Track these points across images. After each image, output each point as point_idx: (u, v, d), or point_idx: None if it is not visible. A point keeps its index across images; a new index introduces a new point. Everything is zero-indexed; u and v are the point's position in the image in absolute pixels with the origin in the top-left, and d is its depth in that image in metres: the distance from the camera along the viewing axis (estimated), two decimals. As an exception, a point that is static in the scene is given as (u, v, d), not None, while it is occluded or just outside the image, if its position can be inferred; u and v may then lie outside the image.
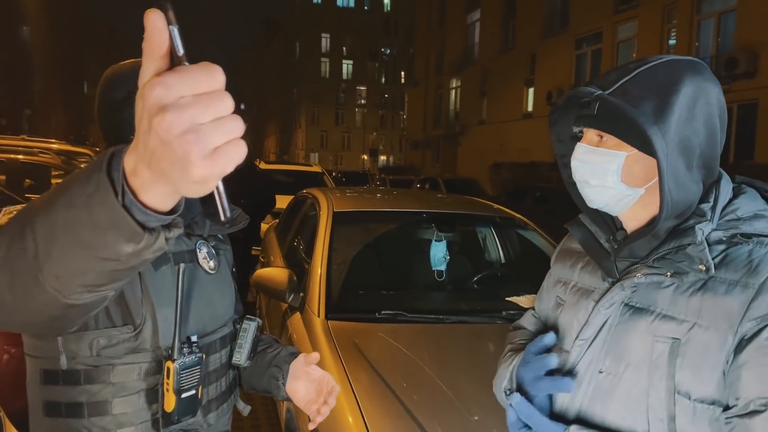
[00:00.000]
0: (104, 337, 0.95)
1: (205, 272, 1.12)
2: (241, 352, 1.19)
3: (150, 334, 0.99)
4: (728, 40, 13.75)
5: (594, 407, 0.93)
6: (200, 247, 1.13)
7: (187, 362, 1.00)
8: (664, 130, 0.85)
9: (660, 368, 0.85)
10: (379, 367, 1.95)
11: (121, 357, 0.97)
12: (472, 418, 1.73)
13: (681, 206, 0.89)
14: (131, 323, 0.97)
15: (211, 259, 1.14)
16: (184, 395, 1.00)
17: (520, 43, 22.29)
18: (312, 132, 60.68)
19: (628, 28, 17.12)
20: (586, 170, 0.96)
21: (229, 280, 1.22)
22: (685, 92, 0.87)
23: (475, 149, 25.01)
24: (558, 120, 1.07)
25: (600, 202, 0.97)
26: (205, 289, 1.11)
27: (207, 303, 1.11)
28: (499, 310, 2.48)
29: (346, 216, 3.04)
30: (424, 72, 31.90)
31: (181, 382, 0.99)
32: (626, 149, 0.92)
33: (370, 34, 60.10)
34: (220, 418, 1.16)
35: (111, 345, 0.96)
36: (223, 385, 1.16)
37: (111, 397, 0.97)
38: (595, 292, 1.00)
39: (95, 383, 0.96)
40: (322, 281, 2.51)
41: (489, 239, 3.59)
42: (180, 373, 0.98)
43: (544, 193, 11.76)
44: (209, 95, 0.45)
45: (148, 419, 1.00)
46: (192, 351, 1.01)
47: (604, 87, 0.92)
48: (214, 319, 1.14)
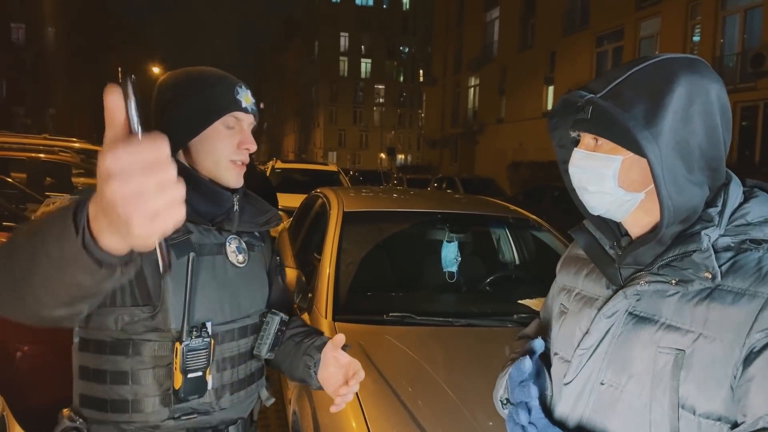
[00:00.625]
0: (128, 314, 1.05)
1: (232, 265, 1.18)
2: (262, 345, 1.23)
3: (164, 316, 1.07)
4: (755, 37, 13.43)
5: (595, 420, 0.89)
6: (230, 241, 1.20)
7: (192, 345, 1.07)
8: (655, 133, 0.81)
9: (663, 381, 0.81)
10: (384, 370, 1.92)
11: (141, 334, 1.07)
12: (477, 424, 1.69)
13: (684, 211, 0.84)
14: (150, 304, 1.06)
15: (241, 253, 1.21)
16: (190, 375, 1.07)
17: (539, 41, 22.06)
18: (330, 131, 60.87)
19: (650, 24, 16.83)
20: (583, 176, 0.93)
21: (261, 275, 1.28)
22: (679, 92, 0.82)
23: (493, 148, 24.82)
24: (558, 125, 1.04)
25: (600, 208, 0.93)
26: (229, 280, 1.17)
27: (230, 293, 1.17)
28: (511, 313, 2.43)
29: (356, 216, 3.01)
30: (443, 70, 31.76)
31: (187, 363, 1.06)
32: (622, 153, 0.88)
33: (388, 33, 60.08)
34: (236, 405, 1.20)
35: (133, 322, 1.06)
36: (242, 373, 1.20)
37: (130, 369, 1.07)
38: (598, 300, 0.96)
39: (118, 354, 1.07)
40: (330, 282, 2.49)
41: (502, 240, 3.53)
42: (186, 354, 1.06)
43: (562, 192, 11.60)
44: (153, 165, 0.52)
45: (160, 394, 1.08)
46: (200, 335, 1.08)
47: (596, 90, 0.88)
48: (236, 309, 1.19)
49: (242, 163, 1.18)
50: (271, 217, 1.31)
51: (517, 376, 0.98)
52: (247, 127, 1.19)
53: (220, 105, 1.14)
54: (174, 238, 1.07)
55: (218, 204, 1.18)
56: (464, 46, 28.63)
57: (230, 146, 1.15)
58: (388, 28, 59.97)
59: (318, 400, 1.91)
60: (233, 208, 1.20)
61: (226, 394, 1.17)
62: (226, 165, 1.16)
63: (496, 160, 23.22)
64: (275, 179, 9.64)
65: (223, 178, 1.16)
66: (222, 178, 1.16)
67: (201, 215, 1.15)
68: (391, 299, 2.65)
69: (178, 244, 1.09)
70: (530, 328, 1.26)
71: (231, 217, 1.20)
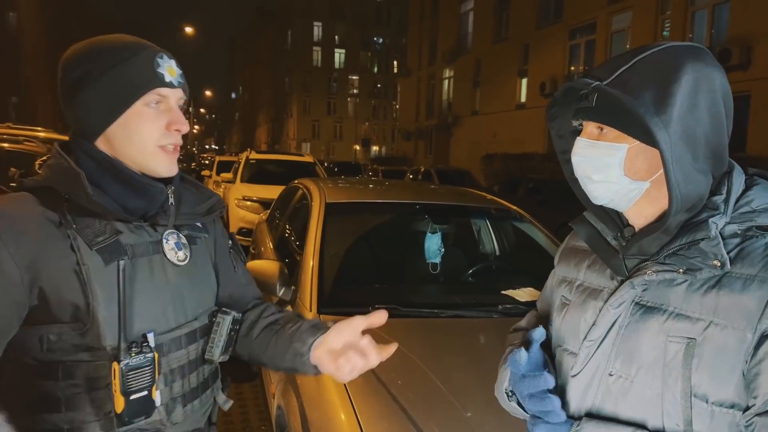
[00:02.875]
0: (53, 333, 0.92)
1: (172, 264, 1.05)
2: (214, 348, 1.11)
3: (96, 332, 0.94)
4: (722, 32, 13.75)
5: (605, 410, 0.89)
6: (167, 238, 1.06)
7: (132, 363, 0.94)
8: (665, 120, 0.80)
9: (675, 370, 0.81)
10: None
11: (71, 354, 0.93)
12: (467, 415, 1.68)
13: (691, 199, 0.84)
14: (79, 320, 0.93)
15: (181, 249, 1.08)
16: (134, 396, 0.94)
17: (513, 33, 22.19)
18: (303, 122, 60.33)
19: (622, 18, 17.08)
20: (587, 165, 0.92)
21: (207, 271, 1.15)
22: (686, 80, 0.82)
23: (467, 140, 24.95)
24: (557, 115, 1.03)
25: (604, 198, 0.92)
26: (170, 282, 1.05)
27: (172, 297, 1.05)
28: (496, 304, 2.43)
29: (338, 207, 2.97)
30: (417, 62, 31.72)
31: (128, 384, 0.94)
32: (627, 141, 0.87)
33: (362, 23, 59.67)
34: (190, 416, 1.09)
35: (60, 341, 0.93)
36: (194, 381, 1.09)
37: (62, 395, 0.93)
38: (604, 292, 0.95)
39: (46, 379, 0.93)
40: (314, 275, 2.45)
41: (485, 231, 3.54)
42: (126, 374, 0.93)
43: (537, 184, 11.73)
44: None
45: (100, 419, 0.95)
46: (141, 351, 0.96)
47: (601, 77, 0.87)
48: (181, 313, 1.07)
49: (174, 147, 1.03)
50: (214, 204, 1.16)
51: (516, 369, 0.96)
52: (174, 104, 1.03)
53: (139, 81, 0.97)
54: (99, 241, 0.94)
55: (150, 198, 1.03)
56: (439, 38, 28.62)
57: (157, 129, 1.00)
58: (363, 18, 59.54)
59: (306, 394, 1.88)
60: (168, 200, 1.06)
61: (178, 407, 1.06)
62: (154, 151, 1.00)
63: (470, 152, 23.35)
64: (250, 170, 9.51)
65: (152, 166, 1.01)
66: (151, 167, 1.01)
67: (130, 212, 1.00)
68: (375, 291, 2.63)
69: (105, 248, 0.95)
70: (526, 320, 1.25)
71: (166, 211, 1.06)
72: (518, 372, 0.96)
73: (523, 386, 0.95)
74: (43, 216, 0.93)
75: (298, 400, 1.91)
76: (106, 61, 0.97)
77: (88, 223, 0.96)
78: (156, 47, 1.02)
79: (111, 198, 0.99)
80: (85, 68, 0.97)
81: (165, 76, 1.00)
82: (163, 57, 1.01)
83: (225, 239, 1.25)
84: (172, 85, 1.01)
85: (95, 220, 0.97)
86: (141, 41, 1.02)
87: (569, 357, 0.97)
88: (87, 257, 0.94)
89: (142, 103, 0.98)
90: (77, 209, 0.96)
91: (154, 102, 1.00)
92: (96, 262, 0.95)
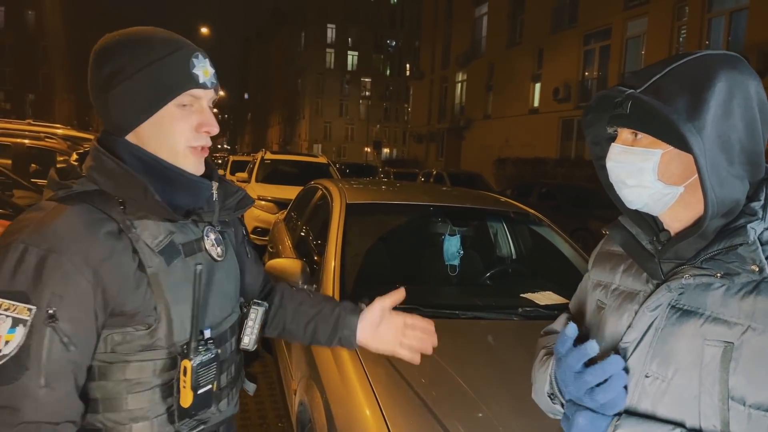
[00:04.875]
0: (119, 334, 0.93)
1: (213, 260, 1.07)
2: (251, 338, 1.17)
3: (165, 332, 0.96)
4: (739, 39, 13.65)
5: (642, 411, 0.90)
6: (207, 234, 1.07)
7: (204, 360, 0.98)
8: (699, 126, 0.83)
9: (712, 373, 0.83)
10: (396, 361, 1.92)
11: (136, 354, 0.95)
12: (491, 413, 1.71)
13: (726, 204, 0.86)
14: (145, 322, 0.94)
15: (219, 245, 1.09)
16: (201, 391, 0.99)
17: (527, 38, 22.15)
18: (315, 123, 60.52)
19: (637, 24, 16.99)
20: (621, 170, 0.94)
21: (235, 264, 1.17)
22: (720, 87, 0.84)
23: (479, 144, 24.93)
24: (592, 122, 1.06)
25: (638, 202, 0.94)
26: (214, 278, 1.07)
27: (217, 293, 1.08)
28: (515, 307, 2.46)
29: (358, 208, 3.01)
30: (430, 65, 31.74)
31: (199, 380, 0.98)
32: (662, 147, 0.89)
33: (375, 26, 59.81)
34: (230, 404, 1.14)
35: (126, 342, 0.94)
36: (233, 371, 1.14)
37: (125, 393, 0.95)
38: (639, 295, 0.97)
39: (109, 380, 0.94)
40: (336, 274, 2.49)
41: (504, 234, 3.56)
42: (197, 371, 0.97)
43: (550, 189, 11.71)
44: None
45: (163, 413, 0.98)
46: (207, 348, 1.00)
47: (635, 85, 0.89)
48: (224, 308, 1.11)
49: (202, 148, 1.02)
50: (242, 198, 1.16)
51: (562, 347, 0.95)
52: (206, 105, 1.01)
53: (174, 82, 0.96)
54: (158, 243, 0.96)
55: (196, 194, 1.04)
56: (452, 42, 28.63)
57: (188, 130, 0.99)
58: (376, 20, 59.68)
59: (330, 390, 1.91)
60: (212, 197, 1.07)
61: (224, 397, 1.10)
62: (183, 152, 1.00)
63: (481, 155, 23.33)
64: (265, 170, 9.58)
65: (182, 167, 1.01)
66: (182, 166, 1.01)
67: (176, 210, 1.00)
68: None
69: (165, 249, 0.96)
70: (558, 323, 1.27)
71: (211, 208, 1.07)
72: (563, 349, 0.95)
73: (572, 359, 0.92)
74: (101, 224, 0.92)
75: (322, 396, 1.94)
76: (141, 58, 0.95)
77: (146, 225, 0.96)
78: (192, 45, 1.00)
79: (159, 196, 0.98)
80: (119, 63, 0.95)
81: (200, 77, 0.98)
82: (199, 57, 0.99)
83: (241, 227, 1.27)
84: (206, 86, 1.00)
85: (150, 222, 0.97)
86: (177, 38, 1.00)
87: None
88: (150, 260, 0.95)
89: (176, 103, 0.97)
90: (133, 212, 0.96)
91: (187, 103, 0.99)
92: (158, 264, 0.96)
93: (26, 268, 0.86)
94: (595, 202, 10.25)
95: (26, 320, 0.84)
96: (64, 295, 0.87)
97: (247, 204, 1.18)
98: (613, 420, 0.91)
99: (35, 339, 0.85)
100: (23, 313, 0.85)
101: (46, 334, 0.85)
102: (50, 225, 0.89)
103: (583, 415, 0.91)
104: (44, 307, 0.85)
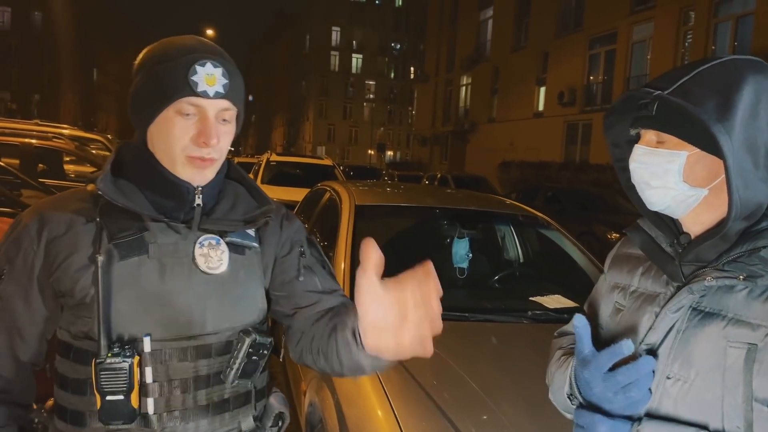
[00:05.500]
0: (70, 315, 0.99)
1: (200, 271, 1.00)
2: (229, 370, 1.02)
3: (92, 325, 0.95)
4: (745, 44, 13.62)
5: (664, 412, 0.91)
6: (202, 243, 1.01)
7: (106, 365, 0.91)
8: (728, 127, 0.83)
9: (735, 375, 0.83)
10: (407, 364, 1.93)
11: (79, 340, 0.97)
12: (503, 415, 1.71)
13: (749, 206, 0.87)
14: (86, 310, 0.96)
15: (213, 258, 1.01)
16: (109, 398, 0.92)
17: (532, 42, 22.16)
18: (319, 125, 60.66)
19: (643, 29, 16.98)
20: (645, 172, 0.95)
21: (249, 285, 1.06)
22: (747, 90, 0.85)
23: (483, 147, 24.93)
24: (613, 124, 1.06)
25: (661, 203, 0.95)
26: (192, 289, 0.99)
27: (189, 305, 0.99)
28: (525, 310, 2.46)
29: (367, 210, 3.01)
30: (435, 68, 31.78)
31: (101, 384, 0.92)
32: (687, 149, 0.90)
33: (380, 29, 59.97)
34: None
35: (73, 325, 0.98)
36: (202, 399, 1.01)
37: (75, 378, 0.98)
38: (660, 297, 0.98)
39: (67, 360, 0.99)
40: (346, 276, 2.49)
41: (513, 237, 3.56)
42: (99, 374, 0.91)
43: (555, 193, 11.70)
44: None
45: (87, 409, 0.97)
46: (121, 353, 0.92)
47: (662, 87, 0.90)
48: (197, 324, 1.00)
49: (202, 159, 0.97)
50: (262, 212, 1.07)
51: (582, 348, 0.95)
52: (212, 115, 0.96)
53: (169, 88, 0.94)
54: (121, 236, 0.96)
55: (178, 197, 1.00)
56: (457, 45, 28.66)
57: (184, 138, 0.96)
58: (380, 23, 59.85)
59: (342, 391, 1.92)
60: (194, 202, 1.01)
61: (176, 422, 0.98)
62: (181, 160, 0.97)
63: (486, 159, 23.32)
64: (270, 172, 9.60)
65: (180, 174, 0.99)
66: (179, 174, 0.99)
67: (160, 210, 0.99)
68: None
69: (124, 243, 0.96)
70: (572, 325, 1.27)
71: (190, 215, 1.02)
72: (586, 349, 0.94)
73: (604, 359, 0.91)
74: (75, 210, 1.00)
75: (333, 397, 1.94)
76: (152, 63, 0.98)
77: (117, 218, 0.98)
78: (206, 54, 0.97)
79: (144, 195, 1.00)
80: (140, 67, 1.00)
81: (198, 85, 0.94)
82: (206, 65, 0.95)
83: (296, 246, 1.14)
84: (207, 95, 0.95)
85: (124, 216, 0.98)
86: (196, 45, 0.98)
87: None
88: (104, 250, 0.96)
89: (174, 110, 0.95)
90: (109, 205, 0.98)
91: (187, 110, 0.96)
92: (112, 256, 0.96)
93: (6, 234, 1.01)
94: (601, 206, 10.23)
95: None
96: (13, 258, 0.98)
97: (261, 220, 1.08)
98: (634, 425, 0.91)
99: None
100: None
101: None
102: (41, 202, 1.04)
103: (604, 423, 0.91)
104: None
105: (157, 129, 0.97)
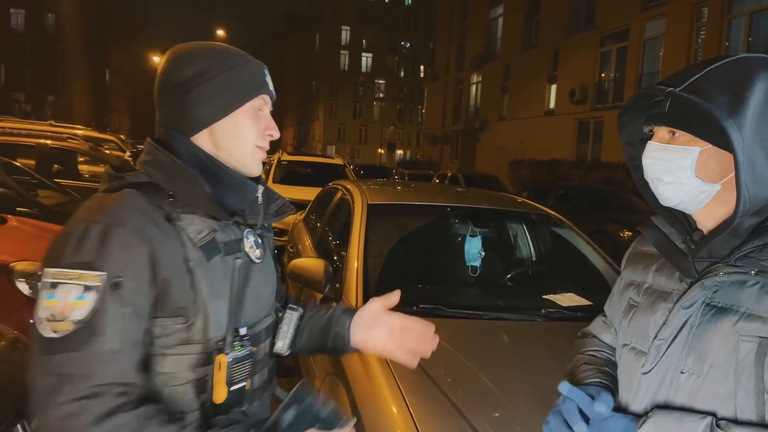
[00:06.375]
0: (158, 326, 0.95)
1: (251, 262, 1.10)
2: (284, 341, 1.20)
3: (201, 326, 0.97)
4: (760, 40, 13.48)
5: (675, 404, 0.92)
6: (247, 237, 1.11)
7: (238, 356, 1.01)
8: (739, 123, 0.85)
9: (747, 368, 0.84)
10: (422, 361, 1.94)
11: (173, 347, 0.96)
12: (517, 413, 1.72)
13: (758, 201, 0.88)
14: (183, 314, 0.96)
15: (258, 248, 1.12)
16: (234, 387, 1.01)
17: (543, 40, 22.05)
18: (330, 124, 60.80)
19: (655, 26, 16.84)
20: (658, 168, 0.96)
21: (272, 268, 1.21)
22: (759, 87, 0.86)
23: (494, 145, 24.86)
24: (627, 123, 1.08)
25: (674, 199, 0.96)
26: (252, 279, 1.10)
27: (254, 293, 1.10)
28: (538, 308, 2.46)
29: (380, 208, 3.03)
30: (445, 66, 31.73)
31: (233, 375, 1.00)
32: (700, 144, 0.92)
33: (390, 28, 59.96)
34: (261, 406, 1.15)
35: (164, 335, 0.95)
36: (266, 374, 1.16)
37: (162, 387, 0.96)
38: (673, 293, 0.99)
39: (148, 372, 0.95)
40: (359, 273, 2.51)
41: (525, 236, 3.56)
42: (232, 366, 1.00)
43: (567, 191, 11.64)
44: None
45: (197, 408, 0.98)
46: (243, 344, 1.02)
47: (675, 84, 0.92)
48: (260, 309, 1.14)
49: (264, 150, 1.11)
50: (282, 205, 1.20)
51: None
52: (268, 112, 1.13)
53: (253, 85, 1.08)
54: (201, 238, 1.00)
55: (243, 196, 1.09)
56: (467, 43, 28.60)
57: (257, 130, 1.08)
58: (390, 22, 59.83)
59: (357, 389, 1.93)
60: (257, 200, 1.12)
61: (257, 398, 1.11)
62: (253, 149, 1.08)
63: (496, 157, 23.26)
64: (282, 171, 9.65)
65: (248, 165, 1.08)
66: (246, 166, 1.08)
67: (224, 209, 1.04)
68: (418, 291, 2.68)
69: (206, 245, 1.00)
70: (594, 326, 1.27)
71: (255, 210, 1.12)
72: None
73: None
74: (153, 209, 0.97)
75: (348, 395, 1.96)
76: (225, 62, 1.06)
77: (192, 219, 1.00)
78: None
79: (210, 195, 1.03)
80: (202, 66, 1.03)
81: (269, 85, 1.12)
82: (265, 69, 1.13)
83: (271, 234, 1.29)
84: (272, 95, 1.13)
85: (195, 217, 1.01)
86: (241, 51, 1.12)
87: (638, 355, 1.01)
88: (192, 253, 0.98)
89: (251, 105, 1.07)
90: (181, 206, 0.99)
91: (259, 106, 1.10)
92: (199, 258, 0.98)
93: (90, 241, 0.89)
94: (613, 204, 10.17)
95: (96, 286, 0.87)
96: (127, 265, 0.90)
97: (286, 211, 1.21)
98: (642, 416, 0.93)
99: (105, 304, 0.87)
100: (91, 279, 0.87)
101: (115, 301, 0.88)
102: (108, 205, 0.95)
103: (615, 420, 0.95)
104: (111, 274, 0.88)
105: (234, 121, 1.05)
